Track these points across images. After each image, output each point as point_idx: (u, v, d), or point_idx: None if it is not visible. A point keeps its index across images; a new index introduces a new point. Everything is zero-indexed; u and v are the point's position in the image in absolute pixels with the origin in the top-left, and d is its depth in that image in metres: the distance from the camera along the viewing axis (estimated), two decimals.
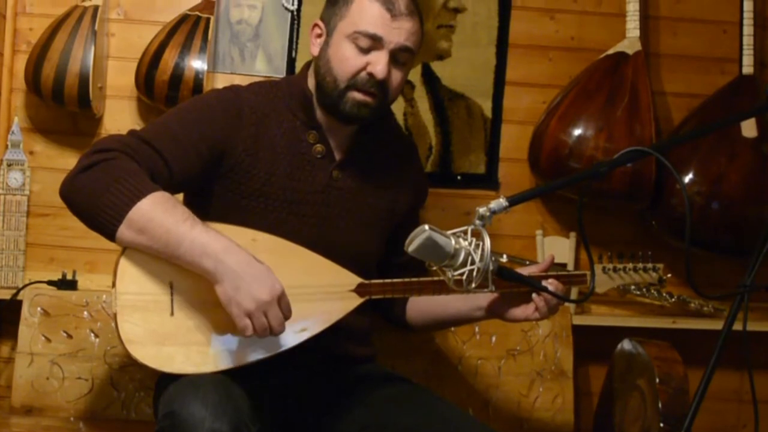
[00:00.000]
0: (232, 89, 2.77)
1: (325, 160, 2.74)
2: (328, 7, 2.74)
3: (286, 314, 2.39)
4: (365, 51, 2.62)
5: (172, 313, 2.42)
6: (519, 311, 2.69)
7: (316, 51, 2.74)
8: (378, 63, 2.61)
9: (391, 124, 3.04)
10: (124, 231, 2.37)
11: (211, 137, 2.60)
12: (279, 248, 2.46)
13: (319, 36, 2.74)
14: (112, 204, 2.35)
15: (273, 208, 2.66)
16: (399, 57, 2.65)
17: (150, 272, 2.43)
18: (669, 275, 2.83)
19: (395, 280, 2.64)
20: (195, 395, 2.25)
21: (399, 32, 2.62)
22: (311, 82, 2.75)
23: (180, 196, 2.66)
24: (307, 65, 2.81)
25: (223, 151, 2.62)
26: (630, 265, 2.83)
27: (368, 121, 2.72)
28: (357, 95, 2.63)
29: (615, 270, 2.83)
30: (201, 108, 2.67)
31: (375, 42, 2.61)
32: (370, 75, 2.62)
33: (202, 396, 2.25)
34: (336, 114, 2.68)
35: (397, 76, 2.67)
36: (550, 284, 2.61)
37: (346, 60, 2.63)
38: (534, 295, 2.63)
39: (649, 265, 2.84)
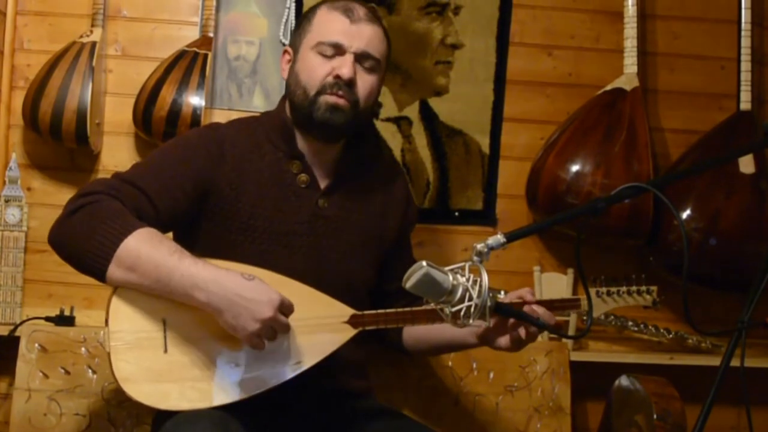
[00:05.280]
0: (212, 127, 2.81)
1: (309, 189, 2.74)
2: (294, 33, 2.82)
3: (289, 313, 2.42)
4: (330, 58, 2.68)
5: (165, 350, 2.42)
6: (503, 341, 2.65)
7: (286, 74, 2.79)
8: (343, 66, 2.66)
9: (373, 146, 3.05)
10: (114, 270, 2.38)
11: (194, 175, 2.62)
12: (270, 282, 2.45)
13: (289, 61, 2.79)
14: (99, 244, 2.37)
15: (261, 241, 2.67)
16: (363, 63, 2.70)
17: (142, 310, 2.43)
18: (662, 297, 2.81)
19: (388, 311, 2.63)
20: (192, 431, 2.26)
21: (360, 37, 2.68)
22: (288, 110, 2.78)
23: (170, 236, 2.67)
24: (284, 97, 2.83)
25: (207, 188, 2.64)
26: (623, 288, 2.81)
27: (344, 129, 2.72)
28: (328, 98, 2.66)
29: (608, 293, 2.80)
30: (182, 146, 2.70)
31: (337, 48, 2.67)
32: (337, 77, 2.65)
33: None
34: (311, 126, 2.70)
35: (366, 80, 2.71)
36: (539, 309, 2.56)
37: (313, 69, 2.68)
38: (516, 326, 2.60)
39: (643, 288, 2.81)
